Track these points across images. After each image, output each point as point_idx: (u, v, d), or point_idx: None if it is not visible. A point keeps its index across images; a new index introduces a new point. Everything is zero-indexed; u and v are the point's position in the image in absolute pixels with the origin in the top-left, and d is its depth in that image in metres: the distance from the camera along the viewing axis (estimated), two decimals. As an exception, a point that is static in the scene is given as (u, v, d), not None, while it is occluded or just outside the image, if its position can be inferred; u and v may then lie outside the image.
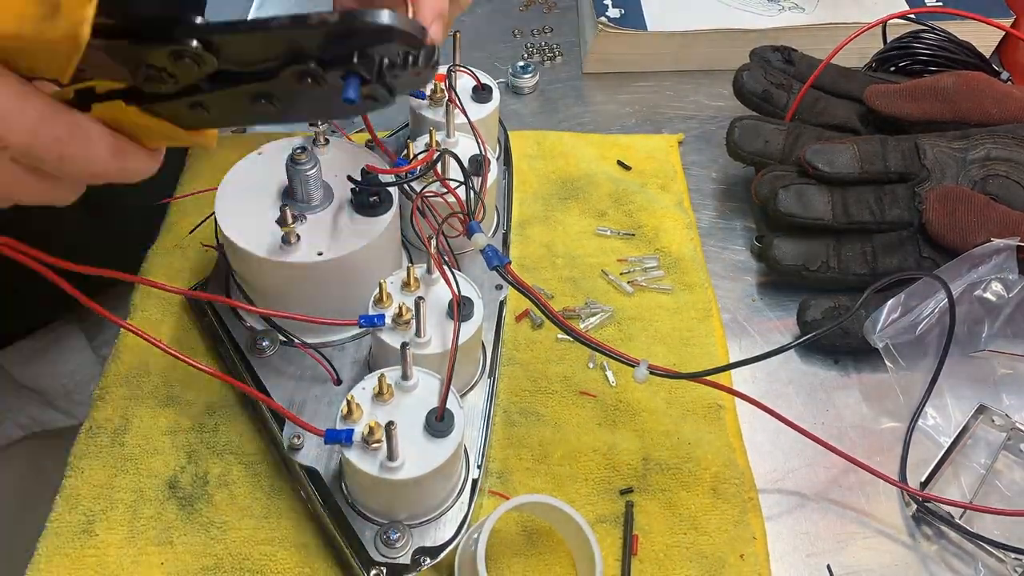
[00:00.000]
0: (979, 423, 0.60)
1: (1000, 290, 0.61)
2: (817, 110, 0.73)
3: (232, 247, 0.54)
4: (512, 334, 0.64)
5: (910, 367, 0.61)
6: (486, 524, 0.48)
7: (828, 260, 0.65)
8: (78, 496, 0.55)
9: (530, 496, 0.50)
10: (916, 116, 0.69)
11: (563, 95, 0.85)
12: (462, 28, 0.91)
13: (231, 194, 0.56)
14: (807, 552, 0.56)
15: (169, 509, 0.55)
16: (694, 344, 0.64)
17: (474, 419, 0.56)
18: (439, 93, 0.64)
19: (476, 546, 0.48)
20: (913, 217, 0.64)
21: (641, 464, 0.58)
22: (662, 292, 0.67)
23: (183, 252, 0.68)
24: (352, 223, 0.55)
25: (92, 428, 0.58)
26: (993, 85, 0.69)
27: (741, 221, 0.74)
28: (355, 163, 0.56)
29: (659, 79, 0.87)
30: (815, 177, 0.66)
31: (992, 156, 0.65)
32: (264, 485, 0.56)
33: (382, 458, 0.47)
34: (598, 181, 0.74)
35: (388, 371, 0.50)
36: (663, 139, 0.79)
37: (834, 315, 0.63)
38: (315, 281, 0.54)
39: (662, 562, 0.54)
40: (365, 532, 0.50)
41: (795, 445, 0.60)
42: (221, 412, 0.59)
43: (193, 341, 0.63)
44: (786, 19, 0.85)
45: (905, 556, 0.55)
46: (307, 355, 0.57)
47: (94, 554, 0.53)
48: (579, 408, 0.61)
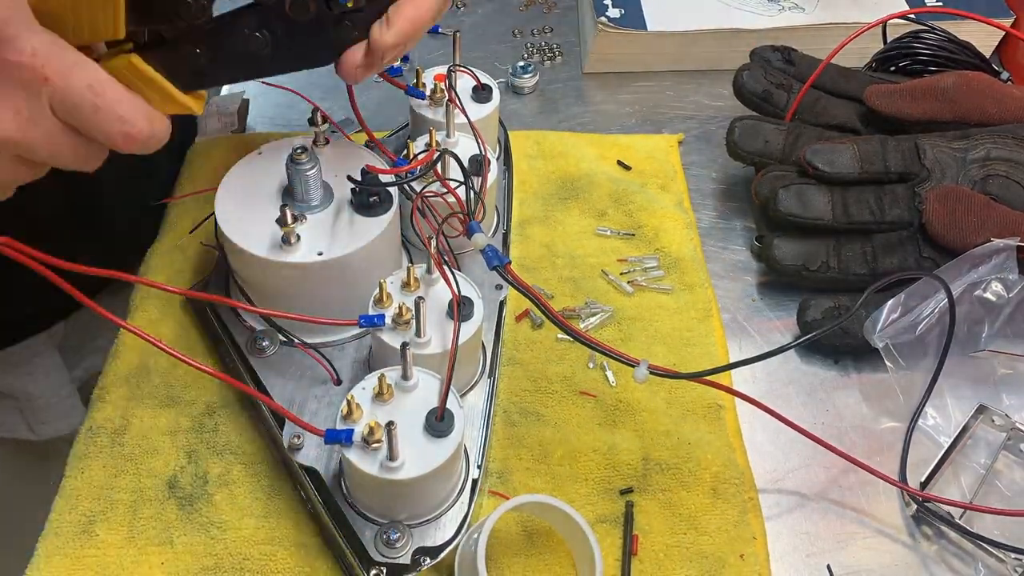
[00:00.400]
0: (979, 423, 0.60)
1: (1000, 290, 0.61)
2: (817, 110, 0.73)
3: (232, 247, 0.54)
4: (512, 334, 0.64)
5: (910, 367, 0.61)
6: (486, 524, 0.48)
7: (828, 260, 0.65)
8: (78, 496, 0.55)
9: (530, 496, 0.50)
10: (916, 116, 0.69)
11: (563, 95, 0.85)
12: (462, 28, 0.91)
13: (231, 194, 0.56)
14: (807, 552, 0.56)
15: (169, 509, 0.55)
16: (694, 344, 0.64)
17: (474, 419, 0.56)
18: (439, 93, 0.64)
19: (476, 546, 0.48)
20: (913, 217, 0.64)
21: (641, 464, 0.58)
22: (662, 292, 0.67)
23: (183, 252, 0.68)
24: (352, 223, 0.55)
25: (92, 428, 0.58)
26: (993, 85, 0.69)
27: (741, 221, 0.74)
28: (355, 163, 0.56)
29: (659, 79, 0.87)
30: (815, 177, 0.66)
31: (992, 156, 0.65)
32: (264, 485, 0.56)
33: (382, 458, 0.47)
34: (598, 181, 0.74)
35: (388, 371, 0.50)
36: (663, 139, 0.79)
37: (834, 315, 0.63)
38: (315, 281, 0.54)
39: (662, 562, 0.54)
40: (365, 532, 0.50)
41: (795, 445, 0.59)
42: (221, 412, 0.59)
43: (193, 341, 0.63)
44: (786, 19, 0.85)
45: (905, 556, 0.55)
46: (307, 355, 0.57)
47: (94, 554, 0.53)
48: (579, 408, 0.61)
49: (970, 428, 0.59)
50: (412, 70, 0.68)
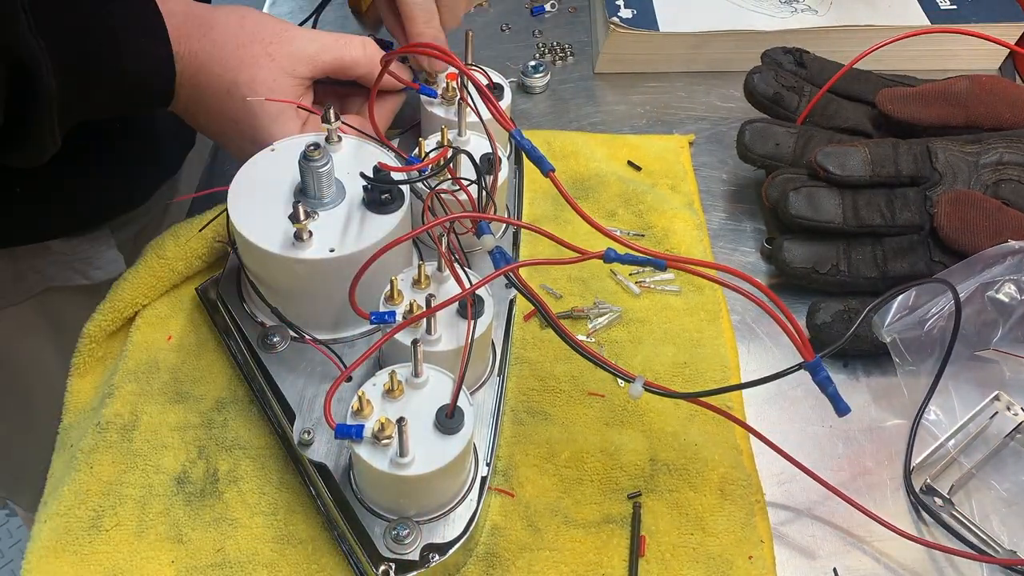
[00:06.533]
0: (986, 423, 0.60)
1: (1014, 292, 0.60)
2: (828, 113, 0.73)
3: (245, 243, 0.55)
4: (520, 333, 0.64)
5: (917, 363, 0.61)
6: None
7: (838, 263, 0.65)
8: (87, 492, 0.56)
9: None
10: (928, 120, 0.69)
11: (574, 95, 0.85)
12: (474, 27, 0.91)
13: (244, 190, 0.56)
14: (813, 555, 0.56)
15: (178, 505, 0.55)
16: (704, 345, 0.64)
17: (484, 417, 0.56)
18: (451, 92, 0.64)
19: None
20: (924, 221, 0.64)
21: (648, 465, 0.58)
22: (671, 293, 0.67)
23: (202, 239, 0.67)
24: (364, 220, 0.55)
25: (101, 424, 0.59)
26: (1007, 89, 0.69)
27: (751, 223, 0.74)
28: (368, 160, 0.56)
29: (670, 80, 0.87)
30: (826, 180, 0.66)
31: (1005, 160, 0.65)
32: (273, 480, 0.56)
33: (392, 454, 0.47)
34: (608, 181, 0.74)
35: (399, 368, 0.50)
36: (674, 140, 0.79)
37: (844, 318, 0.63)
38: (327, 277, 0.55)
39: (668, 563, 0.54)
40: (374, 528, 0.51)
41: (802, 447, 0.59)
42: (230, 408, 0.60)
43: (203, 336, 0.63)
44: (799, 21, 0.85)
45: (912, 558, 0.55)
46: (317, 351, 0.57)
47: (104, 550, 0.53)
48: (587, 408, 0.61)
49: (977, 428, 0.59)
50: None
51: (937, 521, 0.56)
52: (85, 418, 0.61)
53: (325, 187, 0.55)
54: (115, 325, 0.63)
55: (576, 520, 0.55)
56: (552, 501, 0.56)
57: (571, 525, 0.55)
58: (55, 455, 0.60)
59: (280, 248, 0.53)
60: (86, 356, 0.63)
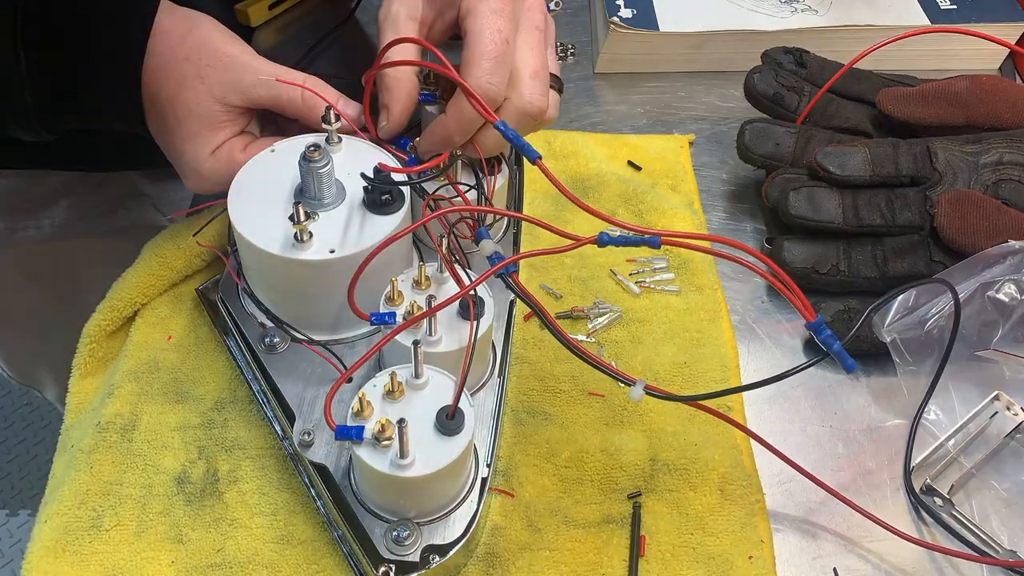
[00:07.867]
0: (986, 423, 0.60)
1: (1013, 292, 0.60)
2: (828, 113, 0.73)
3: (244, 244, 0.55)
4: (520, 333, 0.64)
5: (916, 363, 0.61)
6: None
7: (838, 263, 0.65)
8: (87, 492, 0.56)
9: None
10: (928, 120, 0.69)
11: (574, 95, 0.85)
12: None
13: (244, 191, 0.56)
14: (813, 555, 0.56)
15: (178, 505, 0.55)
16: (704, 344, 0.64)
17: (484, 418, 0.56)
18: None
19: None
20: (924, 221, 0.64)
21: (648, 464, 0.58)
22: (671, 293, 0.67)
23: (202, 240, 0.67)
24: (364, 221, 0.55)
25: (101, 424, 0.59)
26: (1007, 89, 0.69)
27: (751, 223, 0.74)
28: (368, 161, 0.56)
29: (670, 80, 0.87)
30: (826, 180, 0.66)
31: (1005, 160, 0.65)
32: (273, 481, 0.56)
33: (393, 456, 0.47)
34: (608, 181, 0.75)
35: (399, 369, 0.50)
36: (674, 140, 0.79)
37: (844, 318, 0.63)
38: (327, 278, 0.55)
39: (668, 563, 0.54)
40: (375, 529, 0.51)
41: (802, 447, 0.60)
42: (230, 408, 0.60)
43: (203, 337, 0.63)
44: (799, 21, 0.85)
45: (912, 558, 0.55)
46: (317, 352, 0.57)
47: (104, 550, 0.53)
48: (587, 408, 0.61)
49: (977, 428, 0.59)
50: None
51: (937, 521, 0.56)
52: (86, 418, 0.61)
53: (325, 188, 0.55)
54: (115, 325, 0.63)
55: (576, 520, 0.55)
56: (552, 501, 0.56)
57: (571, 525, 0.55)
58: (56, 456, 0.60)
59: (280, 249, 0.53)
60: (87, 356, 0.63)
